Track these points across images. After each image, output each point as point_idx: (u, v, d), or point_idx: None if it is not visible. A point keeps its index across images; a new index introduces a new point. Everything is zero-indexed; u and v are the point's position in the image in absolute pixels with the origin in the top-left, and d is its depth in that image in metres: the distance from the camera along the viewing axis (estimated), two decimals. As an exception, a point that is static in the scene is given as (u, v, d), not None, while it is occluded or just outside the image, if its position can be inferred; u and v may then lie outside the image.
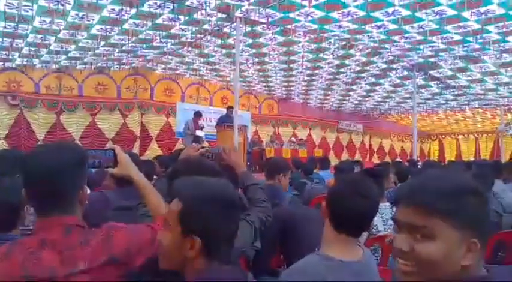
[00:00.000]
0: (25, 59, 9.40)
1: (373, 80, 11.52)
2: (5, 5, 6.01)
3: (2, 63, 9.57)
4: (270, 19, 7.17)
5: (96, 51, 8.92)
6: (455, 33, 7.29)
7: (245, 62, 10.09)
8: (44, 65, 10.03)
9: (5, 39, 7.68)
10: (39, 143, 10.27)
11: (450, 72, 10.14)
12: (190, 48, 9.13)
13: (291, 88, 13.32)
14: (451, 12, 6.32)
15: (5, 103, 10.00)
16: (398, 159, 15.96)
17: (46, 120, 10.55)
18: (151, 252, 1.25)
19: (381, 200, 2.85)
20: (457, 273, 0.84)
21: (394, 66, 9.98)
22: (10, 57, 9.07)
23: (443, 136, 20.85)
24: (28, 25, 6.97)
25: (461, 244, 0.83)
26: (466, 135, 20.13)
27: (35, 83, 10.42)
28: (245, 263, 1.99)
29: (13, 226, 1.70)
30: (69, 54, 9.16)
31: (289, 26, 7.46)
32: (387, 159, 17.84)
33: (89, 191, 3.57)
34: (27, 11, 6.31)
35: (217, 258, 1.06)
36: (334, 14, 6.77)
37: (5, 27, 6.98)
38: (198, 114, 10.17)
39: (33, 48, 8.44)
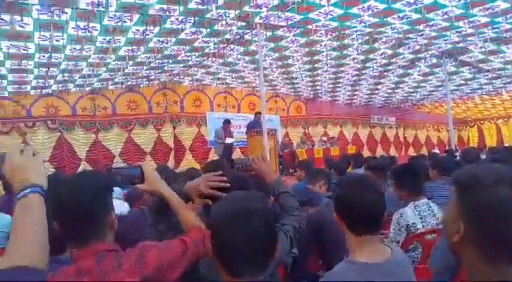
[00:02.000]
0: (60, 85, 9.88)
1: (401, 71, 11.27)
2: (38, 37, 6.37)
3: (39, 90, 10.10)
4: (289, 22, 7.19)
5: (126, 71, 9.25)
6: (482, 16, 7.04)
7: (269, 66, 10.15)
8: (78, 88, 10.50)
9: (40, 68, 8.12)
10: (82, 162, 10.76)
11: (481, 55, 9.77)
12: (214, 59, 9.29)
13: (318, 87, 13.24)
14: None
15: (46, 127, 10.54)
16: (435, 150, 15.49)
17: (85, 140, 11.03)
18: (183, 265, 1.31)
19: (419, 196, 2.82)
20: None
21: (422, 55, 9.73)
22: (47, 84, 9.57)
23: (482, 122, 20.03)
24: (60, 54, 7.34)
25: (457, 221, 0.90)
26: (505, 119, 19.24)
27: (71, 106, 10.91)
28: (283, 271, 2.03)
29: (63, 249, 1.82)
30: (101, 76, 9.55)
31: (309, 27, 7.45)
32: (423, 150, 17.37)
33: (128, 208, 3.72)
34: (58, 41, 6.65)
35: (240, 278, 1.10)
36: (354, 10, 6.70)
37: (39, 58, 7.39)
38: (227, 122, 10.32)
39: (66, 74, 8.87)
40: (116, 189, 4.77)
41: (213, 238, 1.16)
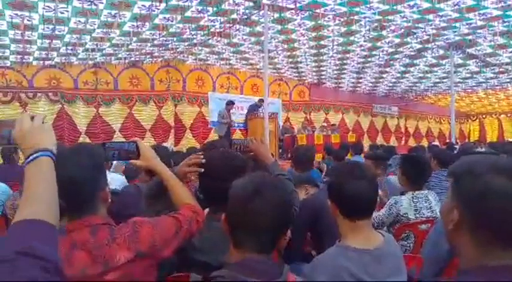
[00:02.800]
0: (63, 58, 9.81)
1: (407, 61, 11.17)
2: (43, 8, 6.29)
3: (42, 62, 10.03)
4: (298, 4, 7.09)
5: (129, 47, 9.16)
6: (494, 9, 6.93)
7: (274, 48, 10.06)
8: (81, 61, 10.43)
9: (44, 40, 8.04)
10: (81, 135, 10.79)
11: (490, 49, 9.66)
12: (219, 38, 9.19)
13: (322, 73, 13.14)
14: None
15: (47, 99, 10.52)
16: (435, 142, 15.50)
17: (86, 114, 11.01)
18: (177, 243, 1.32)
19: (420, 188, 2.84)
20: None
21: (430, 45, 9.62)
22: (49, 56, 9.50)
23: (484, 116, 19.97)
24: (64, 26, 7.26)
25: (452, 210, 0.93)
26: (508, 115, 19.18)
27: (73, 79, 10.86)
28: (277, 252, 2.06)
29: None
30: (104, 51, 9.47)
31: (318, 11, 7.35)
32: (424, 142, 17.36)
33: (126, 182, 3.75)
34: (63, 13, 6.57)
35: (244, 249, 1.12)
36: (364, -5, 6.61)
37: (43, 29, 7.31)
38: (230, 103, 10.29)
39: (70, 48, 8.80)
40: (115, 163, 4.80)
41: (228, 210, 1.18)
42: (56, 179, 1.10)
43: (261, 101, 9.89)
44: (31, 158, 0.98)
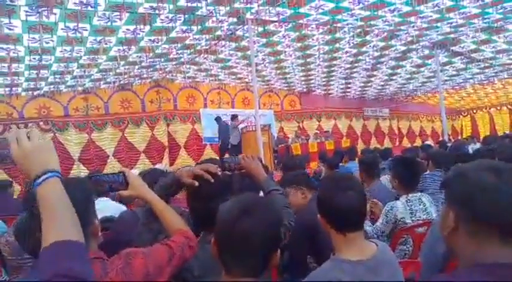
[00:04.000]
0: (52, 86, 9.83)
1: (393, 63, 11.31)
2: (28, 39, 6.32)
3: (30, 92, 10.03)
4: (281, 17, 7.18)
5: (117, 71, 9.20)
6: (473, 7, 7.07)
7: (261, 62, 10.14)
8: (70, 89, 10.45)
9: (31, 71, 8.06)
10: (75, 162, 10.72)
11: (473, 45, 9.82)
12: (206, 55, 9.26)
13: (311, 81, 13.25)
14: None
15: (38, 128, 10.48)
16: (429, 141, 15.59)
17: (79, 140, 10.98)
18: (171, 270, 1.31)
19: (412, 191, 2.84)
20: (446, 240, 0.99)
21: (414, 46, 9.75)
22: (38, 86, 9.50)
23: (475, 111, 20.16)
24: (51, 55, 7.29)
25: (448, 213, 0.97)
26: (498, 108, 19.38)
27: (63, 106, 10.86)
28: (276, 269, 2.05)
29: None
30: (92, 77, 9.50)
31: (301, 21, 7.45)
32: (418, 141, 17.46)
33: (122, 208, 3.74)
34: (48, 42, 6.60)
35: (234, 273, 1.12)
36: (345, 4, 6.71)
37: (30, 60, 7.33)
38: (235, 117, 10.56)
39: (58, 76, 8.82)
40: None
41: (215, 233, 1.18)
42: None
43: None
44: (41, 179, 0.95)
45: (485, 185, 0.89)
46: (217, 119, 11.12)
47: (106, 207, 3.10)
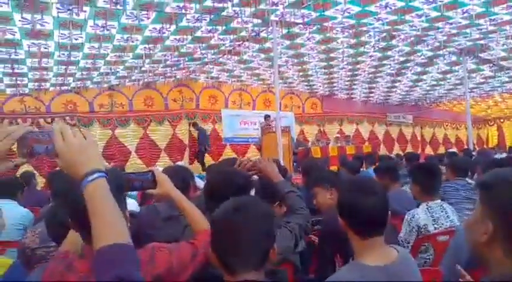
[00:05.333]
0: (79, 82, 10.08)
1: (419, 69, 11.11)
2: (58, 35, 6.51)
3: (58, 87, 10.31)
4: (305, 19, 7.16)
5: (142, 69, 9.36)
6: (504, 14, 6.88)
7: (284, 63, 10.13)
8: (96, 85, 10.69)
9: (60, 66, 8.29)
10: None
11: (503, 53, 9.55)
12: (229, 56, 9.33)
13: (334, 84, 13.15)
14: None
15: (64, 123, 10.75)
16: (453, 149, 15.22)
17: (102, 136, 11.21)
18: (193, 267, 1.35)
19: (433, 197, 2.78)
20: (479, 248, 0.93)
21: (441, 52, 9.56)
22: (65, 82, 9.77)
23: (502, 120, 19.55)
24: (79, 52, 7.49)
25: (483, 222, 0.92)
26: (526, 118, 18.79)
27: (89, 102, 11.12)
28: (292, 269, 2.04)
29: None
30: (118, 74, 9.69)
31: (326, 24, 7.41)
32: (441, 149, 17.08)
33: (138, 206, 3.80)
34: (77, 39, 6.78)
35: (237, 272, 1.14)
36: (372, 8, 6.64)
37: (59, 55, 7.55)
38: (267, 116, 10.67)
39: (85, 72, 9.04)
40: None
41: (211, 235, 1.22)
42: (78, 203, 1.11)
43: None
44: (91, 178, 0.96)
45: None
46: (194, 125, 11.48)
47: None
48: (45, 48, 7.05)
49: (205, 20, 6.74)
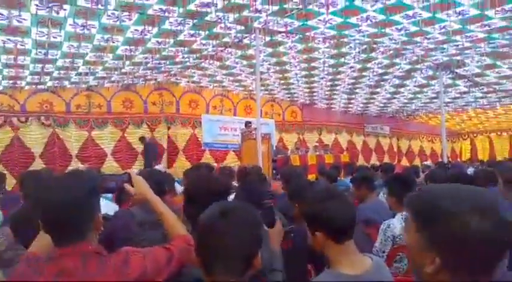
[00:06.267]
0: (56, 81, 9.84)
1: (397, 81, 11.35)
2: (36, 33, 6.34)
3: (34, 86, 10.03)
4: (288, 28, 7.23)
5: (122, 70, 9.22)
6: (479, 32, 7.12)
7: (266, 71, 10.18)
8: (73, 85, 10.46)
9: (36, 64, 8.07)
10: (73, 159, 10.68)
11: (477, 69, 9.87)
12: (211, 61, 9.30)
13: (314, 94, 13.28)
14: (473, 11, 6.19)
15: (39, 123, 10.47)
16: (428, 161, 15.58)
17: (78, 137, 10.96)
18: (168, 272, 1.32)
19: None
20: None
21: (419, 66, 9.81)
22: (42, 80, 9.51)
23: (475, 135, 20.20)
24: (57, 50, 7.31)
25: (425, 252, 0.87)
26: (498, 133, 19.44)
27: (66, 102, 10.86)
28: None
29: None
30: (97, 75, 9.51)
31: (308, 34, 7.49)
32: (417, 161, 17.47)
33: (117, 208, 3.72)
34: (56, 37, 6.63)
35: (214, 274, 1.13)
36: (353, 20, 6.75)
37: (36, 53, 7.35)
38: (248, 123, 10.54)
39: (62, 72, 8.83)
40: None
41: (195, 238, 1.21)
42: (49, 204, 1.16)
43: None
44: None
45: (475, 232, 0.80)
46: (142, 139, 11.35)
47: (103, 206, 3.07)
48: (22, 45, 6.86)
49: (188, 24, 6.70)
